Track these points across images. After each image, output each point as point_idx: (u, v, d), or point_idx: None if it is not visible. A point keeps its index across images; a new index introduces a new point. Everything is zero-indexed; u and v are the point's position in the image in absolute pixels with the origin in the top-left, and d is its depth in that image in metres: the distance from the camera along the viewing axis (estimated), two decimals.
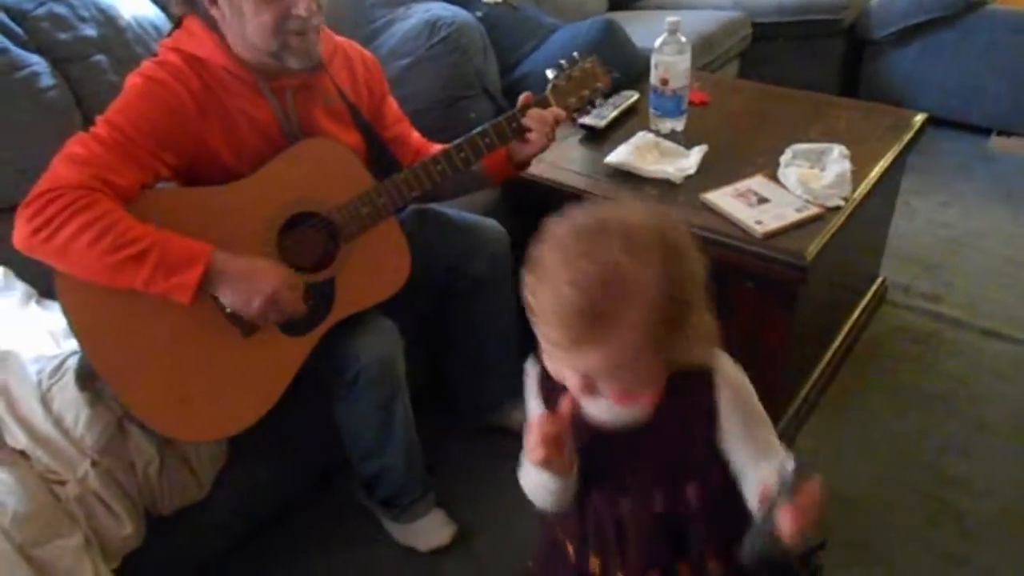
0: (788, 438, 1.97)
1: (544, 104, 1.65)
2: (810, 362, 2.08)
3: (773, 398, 1.90)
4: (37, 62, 1.76)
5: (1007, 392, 2.13)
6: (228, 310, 1.43)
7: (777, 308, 1.78)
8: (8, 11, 1.80)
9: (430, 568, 1.75)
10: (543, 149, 1.67)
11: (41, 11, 1.82)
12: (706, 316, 0.90)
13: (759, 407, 1.01)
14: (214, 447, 1.56)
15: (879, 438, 2.01)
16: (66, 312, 1.39)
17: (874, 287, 2.39)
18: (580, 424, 1.00)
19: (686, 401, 0.97)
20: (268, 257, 1.46)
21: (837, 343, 2.18)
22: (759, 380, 1.89)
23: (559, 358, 0.88)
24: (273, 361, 1.48)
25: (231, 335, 1.45)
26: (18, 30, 1.79)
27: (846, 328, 2.23)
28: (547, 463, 0.94)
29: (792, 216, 1.74)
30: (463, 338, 1.92)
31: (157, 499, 1.48)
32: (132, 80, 1.42)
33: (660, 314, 0.83)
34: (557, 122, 1.65)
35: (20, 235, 1.33)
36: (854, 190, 1.82)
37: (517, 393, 1.99)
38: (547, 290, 0.84)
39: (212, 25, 1.44)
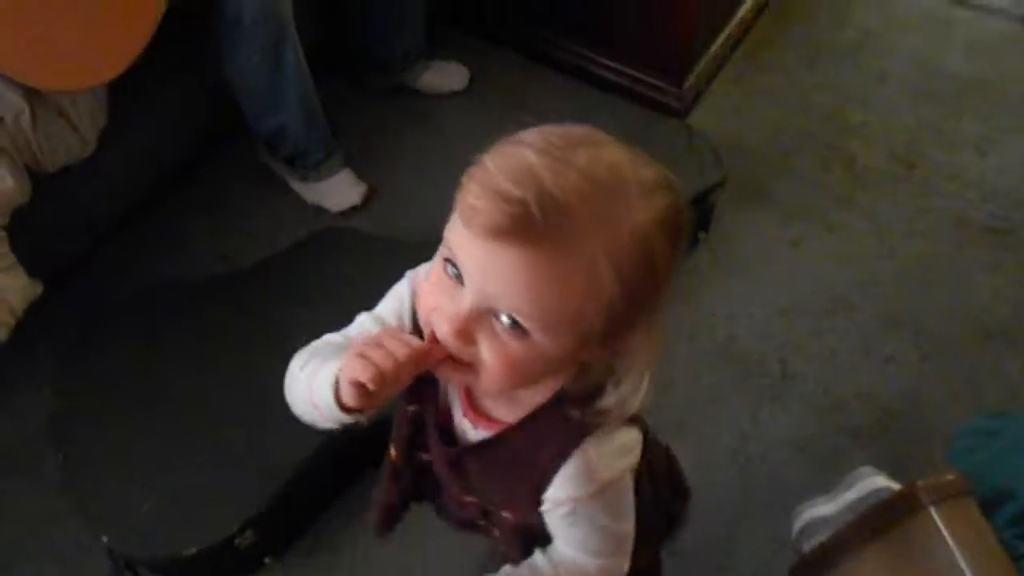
0: (699, 89, 1.96)
1: None
2: (725, 13, 2.00)
3: (685, 49, 1.88)
4: None
5: (913, 43, 2.14)
6: None
7: None
8: None
9: (339, 221, 1.75)
10: None
11: None
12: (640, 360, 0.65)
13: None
14: (91, 100, 1.45)
15: (786, 90, 2.02)
16: None
17: None
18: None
19: (530, 453, 0.72)
20: None
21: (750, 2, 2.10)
22: (670, 28, 1.87)
23: (464, 254, 0.60)
24: None
25: None
26: None
27: None
28: (355, 389, 0.63)
29: None
30: None
31: (37, 154, 1.40)
32: None
33: (625, 279, 0.58)
34: None
35: None
36: None
37: (427, 51, 1.92)
38: (507, 154, 0.59)
39: None
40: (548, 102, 1.94)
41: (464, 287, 0.60)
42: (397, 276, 0.79)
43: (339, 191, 1.75)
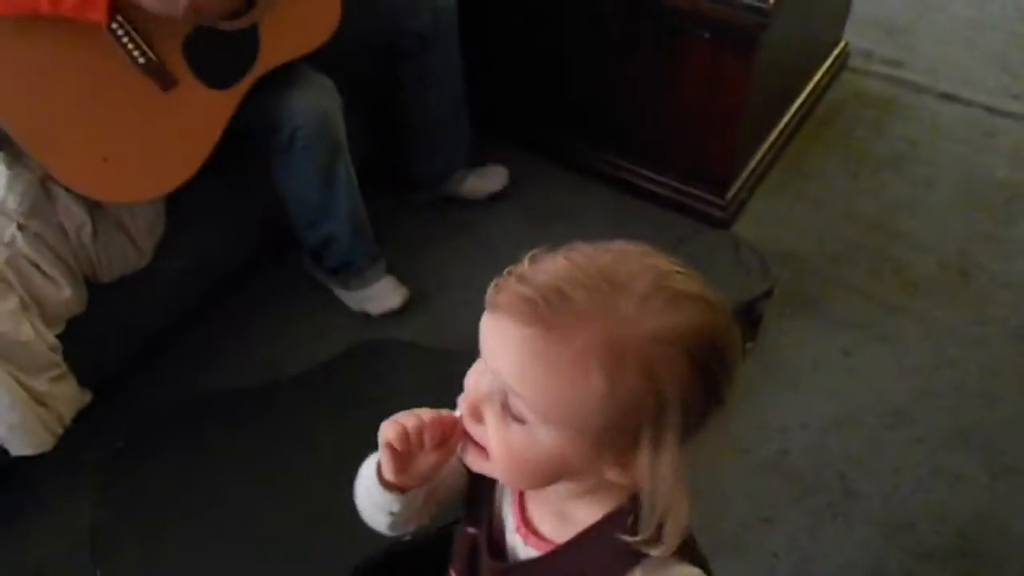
0: (742, 199, 1.96)
1: None
2: (767, 125, 2.03)
3: (728, 160, 1.90)
4: None
5: (958, 153, 2.13)
6: (142, 61, 1.31)
7: (735, 62, 1.70)
8: None
9: (386, 331, 1.75)
10: None
11: None
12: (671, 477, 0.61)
13: None
14: (150, 213, 1.50)
15: (830, 198, 2.02)
16: None
17: (835, 52, 2.30)
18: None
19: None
20: None
21: (795, 107, 2.13)
22: (713, 139, 1.89)
23: (483, 334, 0.62)
24: (197, 116, 1.39)
25: (150, 90, 1.35)
26: None
27: (805, 93, 2.17)
28: (388, 452, 0.69)
29: None
30: (411, 103, 1.82)
31: (95, 265, 1.44)
32: None
33: (616, 380, 0.57)
34: None
35: None
36: None
37: (469, 162, 1.97)
38: (545, 252, 0.62)
39: None
40: (591, 211, 1.96)
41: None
42: (442, 384, 0.78)
43: (381, 296, 1.77)
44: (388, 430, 0.69)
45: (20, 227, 1.33)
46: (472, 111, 1.90)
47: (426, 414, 0.68)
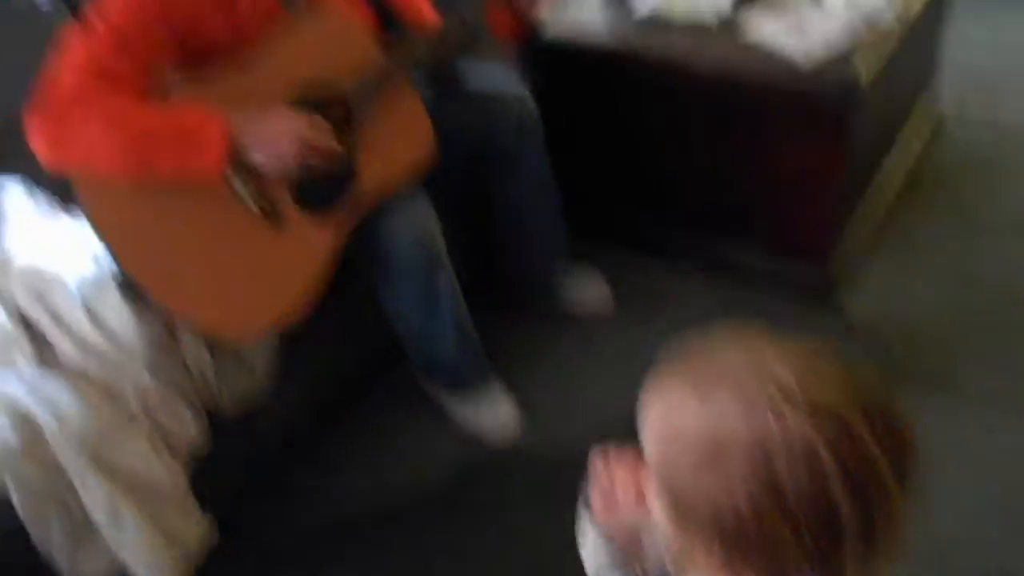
0: (849, 277, 1.89)
1: None
2: (863, 198, 1.97)
3: (824, 239, 1.83)
4: None
5: None
6: (255, 206, 1.38)
7: (828, 142, 1.67)
8: None
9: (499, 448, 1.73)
10: None
11: None
12: None
13: None
14: (267, 347, 1.55)
15: (945, 266, 1.92)
16: (93, 226, 1.36)
17: (928, 114, 2.24)
18: None
19: None
20: None
21: (892, 177, 2.06)
22: (808, 220, 1.82)
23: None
24: (308, 252, 1.45)
25: (263, 230, 1.42)
26: None
27: (901, 161, 2.11)
28: (595, 503, 0.78)
29: (841, 40, 1.61)
30: (505, 214, 1.84)
31: (217, 401, 1.48)
32: None
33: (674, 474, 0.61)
34: None
35: (40, 152, 1.31)
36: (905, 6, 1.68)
37: (567, 268, 1.95)
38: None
39: None
40: (690, 302, 1.91)
41: None
42: (562, 493, 0.83)
43: (497, 420, 1.73)
44: (595, 457, 0.76)
45: (149, 369, 1.39)
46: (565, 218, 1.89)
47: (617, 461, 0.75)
